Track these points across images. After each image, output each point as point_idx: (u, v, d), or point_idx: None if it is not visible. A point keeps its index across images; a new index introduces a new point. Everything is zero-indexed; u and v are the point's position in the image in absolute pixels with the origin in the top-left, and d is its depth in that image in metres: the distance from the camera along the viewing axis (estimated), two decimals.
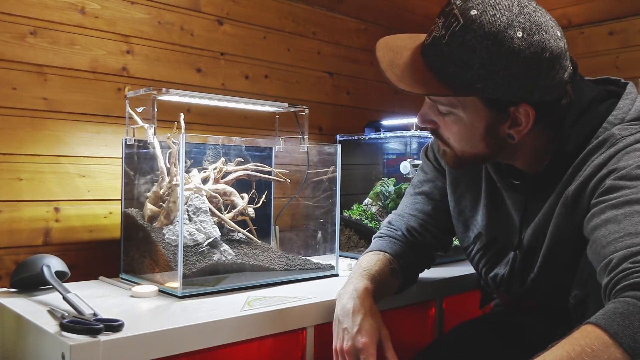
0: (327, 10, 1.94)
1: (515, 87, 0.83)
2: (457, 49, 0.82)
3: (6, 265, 1.26)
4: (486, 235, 1.05)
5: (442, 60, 0.84)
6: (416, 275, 1.19)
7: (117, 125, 1.43)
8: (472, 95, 0.85)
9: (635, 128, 0.85)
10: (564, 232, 0.89)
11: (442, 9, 0.86)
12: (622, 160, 0.81)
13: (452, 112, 0.89)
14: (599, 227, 0.76)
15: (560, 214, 0.89)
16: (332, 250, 1.45)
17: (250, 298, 1.11)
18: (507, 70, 0.81)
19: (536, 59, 0.81)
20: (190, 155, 1.34)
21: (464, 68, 0.82)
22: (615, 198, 0.77)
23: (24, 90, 1.30)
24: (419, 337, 1.33)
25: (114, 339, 0.84)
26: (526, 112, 0.86)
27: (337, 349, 0.94)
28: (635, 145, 0.82)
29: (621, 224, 0.73)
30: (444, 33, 0.83)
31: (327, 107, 1.94)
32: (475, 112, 0.87)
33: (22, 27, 1.29)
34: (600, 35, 1.90)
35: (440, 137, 0.94)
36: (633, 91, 0.92)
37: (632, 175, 0.77)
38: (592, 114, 0.90)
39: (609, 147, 0.84)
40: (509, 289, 1.02)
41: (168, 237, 1.21)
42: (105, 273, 1.30)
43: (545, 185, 0.93)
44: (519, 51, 0.80)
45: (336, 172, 1.38)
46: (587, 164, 0.86)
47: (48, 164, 1.33)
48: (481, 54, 0.80)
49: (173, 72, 1.55)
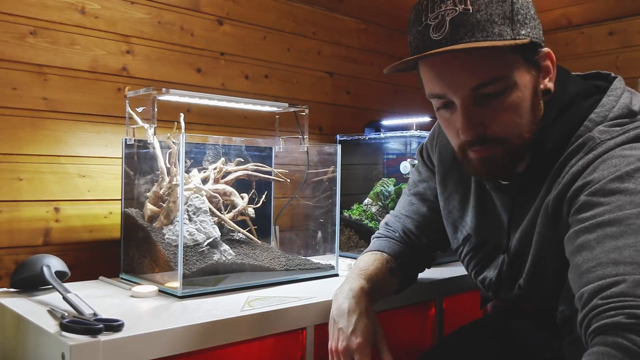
0: (327, 10, 1.94)
1: (538, 27, 0.85)
2: (489, 7, 0.80)
3: (6, 265, 1.26)
4: (475, 237, 1.03)
5: (481, 28, 0.80)
6: (415, 275, 1.19)
7: (117, 125, 1.43)
8: (524, 39, 0.81)
9: (617, 130, 0.81)
10: (548, 242, 0.87)
11: (434, 0, 0.83)
12: (597, 169, 0.78)
13: (505, 84, 0.82)
14: (575, 253, 0.74)
15: (543, 224, 0.87)
16: (332, 250, 1.45)
17: (250, 298, 1.11)
18: (528, 10, 0.84)
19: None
20: (190, 155, 1.34)
21: (504, 21, 0.81)
22: (589, 219, 0.74)
23: (24, 90, 1.30)
24: (419, 337, 1.33)
25: (114, 339, 0.84)
26: (549, 55, 0.87)
27: (332, 349, 0.94)
28: (612, 152, 0.79)
29: (594, 251, 0.71)
30: (464, 6, 0.80)
31: (327, 107, 1.94)
32: (521, 75, 0.83)
33: (22, 27, 1.29)
34: (600, 35, 1.90)
35: (490, 138, 0.85)
36: (619, 87, 0.88)
37: (605, 190, 0.75)
38: (574, 111, 0.87)
39: (587, 152, 0.81)
40: (498, 293, 1.00)
41: (168, 237, 1.21)
42: (105, 273, 1.30)
43: (529, 185, 0.90)
44: None
45: (336, 172, 1.38)
46: (565, 169, 0.83)
47: (48, 164, 1.33)
48: (510, 1, 0.81)
49: (173, 72, 1.55)
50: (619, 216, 0.71)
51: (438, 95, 0.86)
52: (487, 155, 0.86)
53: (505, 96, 0.83)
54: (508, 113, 0.83)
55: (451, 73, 0.83)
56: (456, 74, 0.82)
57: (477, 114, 0.83)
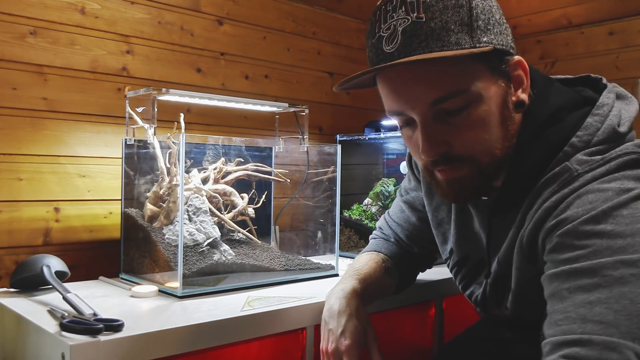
0: (327, 10, 1.94)
1: (505, 33, 0.77)
2: (444, 14, 0.73)
3: (6, 265, 1.26)
4: (457, 252, 0.98)
5: (436, 37, 0.73)
6: (414, 275, 1.19)
7: (117, 125, 1.43)
8: (487, 47, 0.74)
9: (597, 160, 0.74)
10: (527, 275, 0.81)
11: (387, 9, 0.76)
12: (572, 206, 0.71)
13: (467, 99, 0.75)
14: (548, 298, 0.69)
15: (519, 259, 0.81)
16: (332, 250, 1.45)
17: (250, 298, 1.11)
18: (492, 15, 0.76)
19: (498, 5, 0.79)
20: (190, 155, 1.34)
21: (462, 28, 0.73)
22: (563, 263, 0.68)
23: (24, 90, 1.30)
24: (419, 338, 1.33)
25: (114, 339, 0.84)
26: (520, 63, 0.78)
27: (323, 350, 0.93)
28: (589, 186, 0.71)
29: (564, 302, 0.65)
30: (416, 14, 0.73)
31: (327, 107, 1.94)
32: (486, 87, 0.75)
33: (22, 27, 1.29)
34: (600, 35, 1.90)
35: (455, 157, 0.78)
36: (608, 102, 0.79)
37: (579, 232, 0.68)
38: (555, 129, 0.78)
39: (562, 186, 0.74)
40: (485, 310, 0.97)
41: (168, 237, 1.21)
42: (105, 273, 1.30)
43: (504, 207, 0.84)
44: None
45: (336, 172, 1.38)
46: (539, 200, 0.76)
47: (48, 164, 1.33)
48: (468, 6, 0.74)
49: (173, 72, 1.55)
50: (593, 265, 0.65)
51: (396, 112, 0.80)
52: (454, 177, 0.79)
53: (469, 111, 0.75)
54: (473, 130, 0.76)
55: (407, 88, 0.76)
56: (412, 89, 0.76)
57: (439, 131, 0.76)
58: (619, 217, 0.67)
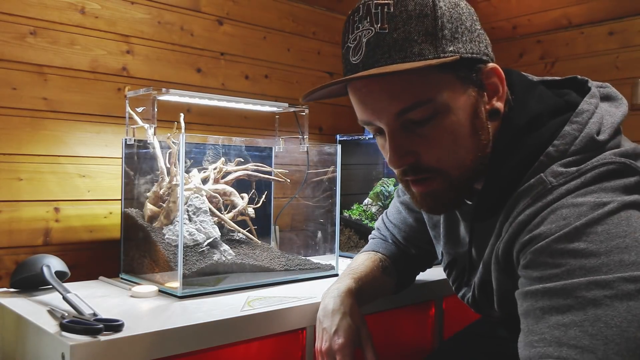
0: (327, 10, 1.94)
1: (477, 40, 0.76)
2: (408, 25, 0.72)
3: (6, 265, 1.26)
4: (446, 255, 0.99)
5: (399, 48, 0.72)
6: (413, 275, 1.19)
7: (117, 125, 1.43)
8: (452, 56, 0.72)
9: (572, 172, 0.71)
10: (505, 286, 0.80)
11: (354, 19, 0.76)
12: (546, 221, 0.68)
13: (434, 109, 0.74)
14: (522, 315, 0.67)
15: (497, 270, 0.80)
16: (332, 250, 1.45)
17: (250, 298, 1.11)
18: (461, 22, 0.74)
19: (471, 10, 0.77)
20: (190, 155, 1.34)
21: (427, 38, 0.72)
22: (536, 281, 0.66)
23: (24, 90, 1.30)
24: (419, 337, 1.33)
25: (114, 339, 0.84)
26: (495, 70, 0.77)
27: (317, 350, 0.94)
28: (563, 201, 0.69)
29: (539, 323, 0.64)
30: (380, 25, 0.73)
31: (327, 107, 1.94)
32: (454, 97, 0.74)
33: (22, 27, 1.29)
34: (600, 35, 1.90)
35: (424, 168, 0.77)
36: (588, 109, 0.76)
37: (552, 250, 0.66)
38: (533, 136, 0.76)
39: (536, 200, 0.71)
40: (479, 311, 0.97)
41: (168, 237, 1.21)
42: (105, 273, 1.30)
43: (481, 216, 0.83)
44: (457, 2, 0.75)
45: (336, 172, 1.38)
46: (514, 213, 0.74)
47: (48, 164, 1.33)
48: (433, 15, 0.72)
49: (173, 72, 1.55)
50: (567, 286, 0.63)
51: (366, 122, 0.80)
52: (427, 191, 0.79)
53: (436, 121, 0.74)
54: (441, 140, 0.75)
55: (373, 99, 0.76)
56: (378, 99, 0.75)
57: (406, 141, 0.76)
58: (592, 235, 0.65)
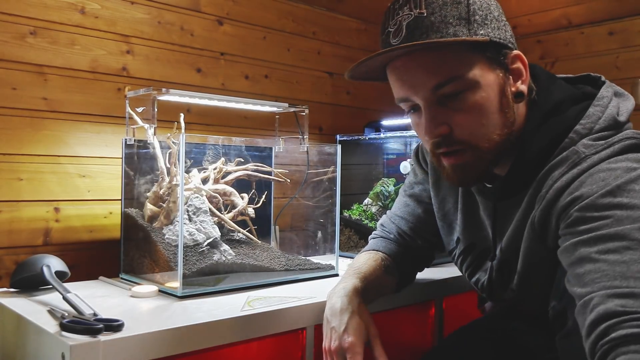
0: (327, 10, 1.94)
1: (504, 29, 0.84)
2: (443, 10, 0.81)
3: (6, 265, 1.26)
4: (464, 240, 1.03)
5: (436, 29, 0.81)
6: (414, 273, 1.19)
7: (117, 125, 1.43)
8: (483, 38, 0.81)
9: (601, 144, 0.79)
10: (537, 255, 0.86)
11: (394, 8, 0.85)
12: (585, 184, 0.76)
13: (466, 84, 0.81)
14: (575, 264, 0.72)
15: (530, 238, 0.86)
16: (332, 250, 1.45)
17: (250, 298, 1.11)
18: (490, 12, 0.83)
19: (498, 5, 0.86)
20: (190, 155, 1.34)
21: (460, 22, 0.80)
22: (585, 232, 0.72)
23: (24, 90, 1.30)
24: (419, 337, 1.33)
25: (114, 339, 0.84)
26: (519, 57, 0.85)
27: (326, 349, 0.94)
28: (599, 166, 0.77)
29: (597, 263, 0.68)
30: (418, 10, 0.81)
31: (327, 107, 1.94)
32: (484, 75, 0.82)
33: (22, 27, 1.29)
34: (600, 35, 1.90)
35: (457, 140, 0.84)
36: (607, 95, 0.86)
37: (597, 205, 0.72)
38: (559, 119, 0.85)
39: (572, 167, 0.79)
40: (491, 295, 1.01)
41: (168, 237, 1.21)
42: (105, 273, 1.30)
43: (510, 192, 0.89)
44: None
45: (336, 172, 1.38)
46: (548, 182, 0.81)
47: (48, 164, 1.33)
48: (466, 2, 0.81)
49: (173, 72, 1.55)
50: (619, 231, 0.68)
51: (403, 99, 0.87)
52: (458, 163, 0.86)
53: (467, 95, 0.82)
54: (471, 114, 0.82)
55: (411, 75, 0.83)
56: (415, 75, 0.82)
57: (440, 113, 0.83)
58: (632, 191, 0.72)
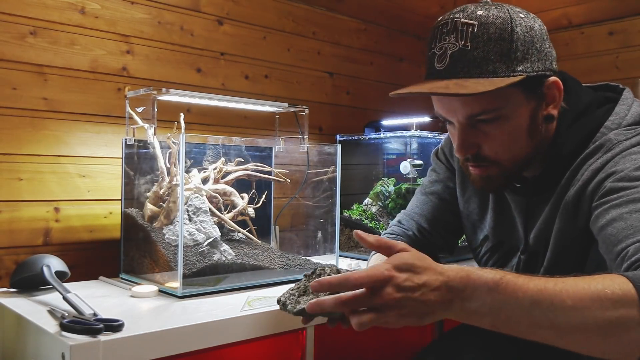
0: (327, 10, 1.94)
1: (544, 58, 0.88)
2: (487, 46, 0.85)
3: (6, 265, 1.26)
4: (492, 238, 1.07)
5: (477, 65, 0.86)
6: None
7: (117, 125, 1.43)
8: (520, 76, 0.85)
9: (631, 132, 0.88)
10: (568, 237, 0.91)
11: (442, 31, 0.89)
12: (619, 163, 0.83)
13: (499, 114, 0.88)
14: (606, 226, 0.78)
15: (562, 220, 0.91)
16: (332, 250, 1.45)
17: (250, 298, 1.11)
18: (532, 44, 0.87)
19: (543, 30, 0.89)
20: (190, 155, 1.34)
21: (501, 58, 0.85)
22: (618, 198, 0.78)
23: (24, 90, 1.30)
24: (419, 337, 1.33)
25: (114, 339, 0.84)
26: (556, 84, 0.90)
27: None
28: (631, 149, 0.84)
29: (628, 221, 0.74)
30: (463, 42, 0.86)
31: (327, 107, 1.94)
32: (517, 106, 0.88)
33: (22, 27, 1.29)
34: (600, 35, 1.90)
35: (484, 157, 0.92)
36: (629, 97, 0.94)
37: (631, 176, 0.80)
38: (589, 118, 0.92)
39: (606, 152, 0.87)
40: None
41: (168, 237, 1.21)
42: (105, 273, 1.30)
43: (543, 188, 0.95)
44: (532, 25, 0.87)
45: (336, 172, 1.38)
46: (583, 168, 0.88)
47: (48, 164, 1.33)
48: (509, 39, 0.85)
49: (173, 72, 1.55)
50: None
51: (440, 116, 0.94)
52: (483, 175, 0.94)
53: (499, 124, 0.88)
54: (500, 139, 0.89)
55: (448, 101, 0.89)
56: (452, 103, 0.89)
57: (472, 135, 0.90)
58: None
